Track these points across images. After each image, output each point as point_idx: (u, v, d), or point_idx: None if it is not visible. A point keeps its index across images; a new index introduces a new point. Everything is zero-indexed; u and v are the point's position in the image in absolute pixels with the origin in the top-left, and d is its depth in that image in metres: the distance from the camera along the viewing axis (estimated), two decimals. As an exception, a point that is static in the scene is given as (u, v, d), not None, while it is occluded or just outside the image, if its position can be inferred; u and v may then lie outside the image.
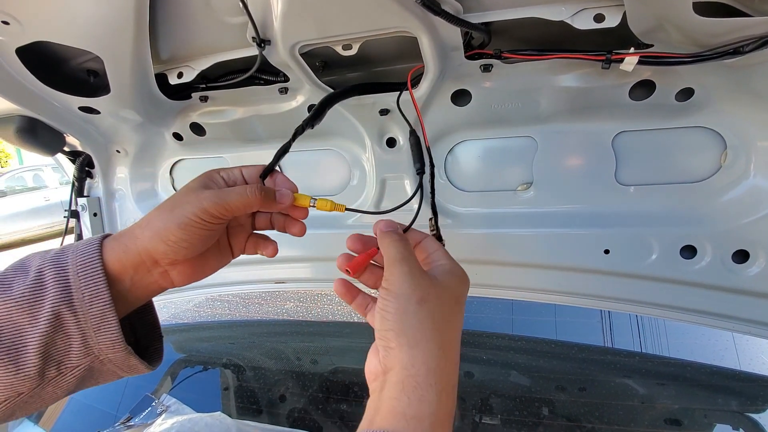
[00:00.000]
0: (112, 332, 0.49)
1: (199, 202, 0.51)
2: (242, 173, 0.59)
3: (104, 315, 0.48)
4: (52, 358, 0.48)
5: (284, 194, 0.58)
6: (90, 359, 0.50)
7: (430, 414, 0.41)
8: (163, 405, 1.31)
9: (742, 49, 0.62)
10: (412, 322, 0.46)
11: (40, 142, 1.04)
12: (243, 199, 0.53)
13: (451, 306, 0.49)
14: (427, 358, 0.44)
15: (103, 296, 0.48)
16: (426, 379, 0.43)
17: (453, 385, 0.46)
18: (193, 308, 1.92)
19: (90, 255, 0.49)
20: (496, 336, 1.52)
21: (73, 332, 0.48)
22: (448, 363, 0.46)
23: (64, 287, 0.47)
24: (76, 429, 1.45)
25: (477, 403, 1.32)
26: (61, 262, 0.49)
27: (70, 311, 0.47)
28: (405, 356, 0.44)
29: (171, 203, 0.53)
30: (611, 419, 1.18)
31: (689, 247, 0.90)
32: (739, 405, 1.17)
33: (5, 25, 0.74)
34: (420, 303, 0.47)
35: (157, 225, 0.51)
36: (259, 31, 0.74)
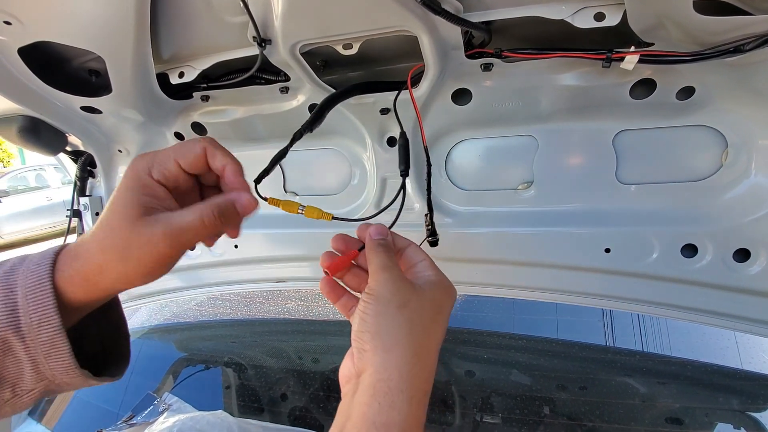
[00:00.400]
0: (64, 359, 0.46)
1: (153, 249, 0.46)
2: (179, 164, 0.49)
3: (53, 341, 0.45)
4: (6, 381, 0.46)
5: (246, 204, 0.50)
6: (45, 383, 0.48)
7: (400, 421, 0.41)
8: (165, 403, 1.32)
9: (743, 48, 0.62)
10: (389, 326, 0.45)
11: (43, 141, 1.05)
12: (200, 232, 0.47)
13: (431, 315, 0.48)
14: (400, 364, 0.43)
15: (52, 321, 0.44)
16: (398, 385, 0.42)
17: (425, 392, 0.45)
18: (194, 307, 1.93)
19: (41, 276, 0.45)
20: (497, 335, 1.52)
21: (22, 358, 0.45)
22: (422, 371, 0.45)
23: (12, 311, 0.44)
24: (78, 427, 1.46)
25: (478, 401, 1.33)
26: (10, 283, 0.45)
27: (17, 337, 0.44)
28: (378, 359, 0.44)
29: (116, 245, 0.46)
30: (612, 418, 1.18)
31: (690, 245, 0.90)
32: (740, 404, 1.17)
33: (7, 26, 0.74)
34: (399, 308, 0.46)
35: (114, 274, 0.46)
36: (259, 30, 0.74)
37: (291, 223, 1.21)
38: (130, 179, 0.47)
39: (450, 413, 1.31)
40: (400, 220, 0.60)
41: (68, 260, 0.47)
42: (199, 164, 0.49)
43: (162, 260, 0.47)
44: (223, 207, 0.48)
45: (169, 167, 0.48)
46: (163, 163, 0.48)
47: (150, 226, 0.45)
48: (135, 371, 1.59)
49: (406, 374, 0.43)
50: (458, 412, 1.31)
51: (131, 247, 0.45)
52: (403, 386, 0.42)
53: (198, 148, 0.49)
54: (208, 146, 0.49)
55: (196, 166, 0.49)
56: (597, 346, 1.43)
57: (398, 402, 0.42)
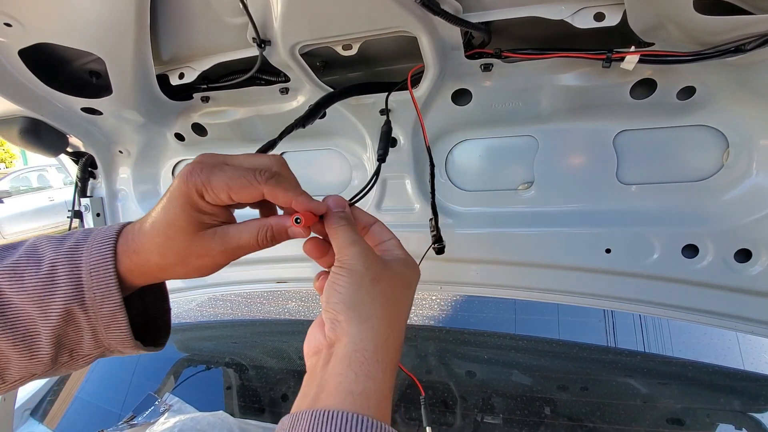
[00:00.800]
0: (122, 331, 0.51)
1: (212, 260, 0.49)
2: (230, 197, 0.47)
3: (114, 315, 0.50)
4: (65, 347, 0.50)
5: (296, 232, 0.51)
6: (100, 350, 0.52)
7: (376, 390, 0.42)
8: (166, 404, 1.32)
9: (744, 47, 0.62)
10: (365, 298, 0.46)
11: (44, 142, 1.05)
12: (254, 248, 0.50)
13: (402, 290, 0.50)
14: (375, 335, 0.44)
15: (114, 298, 0.49)
16: (374, 355, 0.43)
17: (395, 365, 0.46)
18: (195, 308, 1.93)
19: (104, 255, 0.49)
20: (498, 335, 1.52)
21: (84, 327, 0.50)
22: (394, 342, 0.46)
23: (77, 287, 0.48)
24: (80, 428, 1.47)
25: (479, 402, 1.32)
26: (75, 259, 0.49)
27: (81, 309, 0.48)
28: (354, 330, 0.44)
29: (178, 253, 0.48)
30: (613, 419, 1.18)
31: (691, 246, 0.90)
32: (741, 404, 1.17)
33: (7, 27, 0.74)
34: (373, 281, 0.47)
35: (173, 274, 0.51)
36: (259, 31, 0.74)
37: (291, 224, 1.21)
38: (184, 199, 0.46)
39: (451, 414, 1.31)
40: (400, 221, 0.60)
41: (128, 252, 0.50)
42: (254, 199, 0.49)
43: (217, 267, 0.51)
44: (276, 230, 0.50)
45: (222, 197, 0.47)
46: (216, 191, 0.46)
47: (208, 241, 0.48)
48: (136, 372, 1.59)
49: (381, 345, 0.44)
50: (459, 412, 1.31)
51: (190, 256, 0.49)
52: (378, 356, 0.43)
53: (256, 192, 0.47)
54: (266, 190, 0.47)
55: (250, 200, 0.49)
56: (598, 347, 1.43)
57: (374, 372, 0.42)
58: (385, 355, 0.44)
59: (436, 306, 1.67)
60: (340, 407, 0.39)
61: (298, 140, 1.11)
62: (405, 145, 1.01)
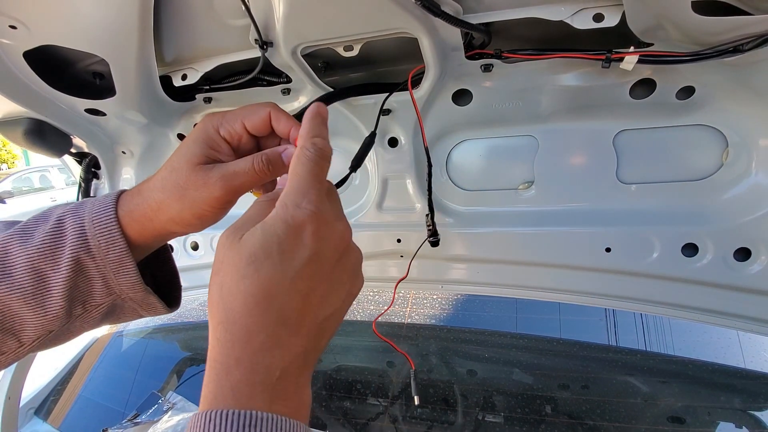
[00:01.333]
0: (131, 275, 0.52)
1: (209, 191, 0.50)
2: (245, 126, 0.53)
3: (122, 260, 0.51)
4: (77, 299, 0.51)
5: (291, 154, 0.51)
6: (112, 298, 0.53)
7: (224, 386, 0.36)
8: (170, 402, 1.33)
9: (742, 48, 0.62)
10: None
11: (48, 143, 1.06)
12: (252, 178, 0.51)
13: (237, 268, 0.38)
14: (213, 326, 0.38)
15: (118, 243, 0.50)
16: (215, 349, 0.37)
17: (253, 351, 0.36)
18: (198, 307, 1.94)
19: (105, 204, 0.51)
20: (499, 334, 1.52)
21: (94, 275, 0.51)
22: (234, 329, 0.37)
23: (81, 235, 0.50)
24: (84, 426, 1.48)
25: (480, 401, 1.33)
26: (78, 212, 0.51)
27: (88, 256, 0.50)
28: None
29: (178, 185, 0.50)
30: (614, 417, 1.18)
31: (690, 245, 0.90)
32: (741, 402, 1.17)
33: (13, 30, 0.75)
34: (215, 274, 0.40)
35: (170, 212, 0.51)
36: (261, 33, 0.75)
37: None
38: (200, 132, 0.52)
39: (452, 412, 1.32)
40: (401, 221, 0.61)
41: (130, 197, 0.52)
42: (263, 127, 0.53)
43: (215, 203, 0.51)
44: (271, 156, 0.52)
45: (236, 127, 0.52)
46: (230, 122, 0.52)
47: (208, 170, 0.50)
48: (140, 371, 1.60)
49: (215, 335, 0.38)
50: (460, 411, 1.32)
51: (189, 187, 0.50)
52: (216, 348, 0.38)
53: (264, 111, 0.53)
54: (273, 110, 0.53)
55: (260, 129, 0.53)
56: (598, 345, 1.44)
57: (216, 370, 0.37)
58: (225, 346, 0.37)
59: (437, 305, 1.67)
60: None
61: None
62: (406, 145, 1.01)
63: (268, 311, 0.37)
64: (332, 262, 0.41)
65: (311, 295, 0.39)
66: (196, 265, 1.34)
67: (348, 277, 0.43)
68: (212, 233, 1.27)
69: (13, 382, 1.29)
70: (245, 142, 0.54)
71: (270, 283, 0.37)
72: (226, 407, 0.33)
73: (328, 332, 0.42)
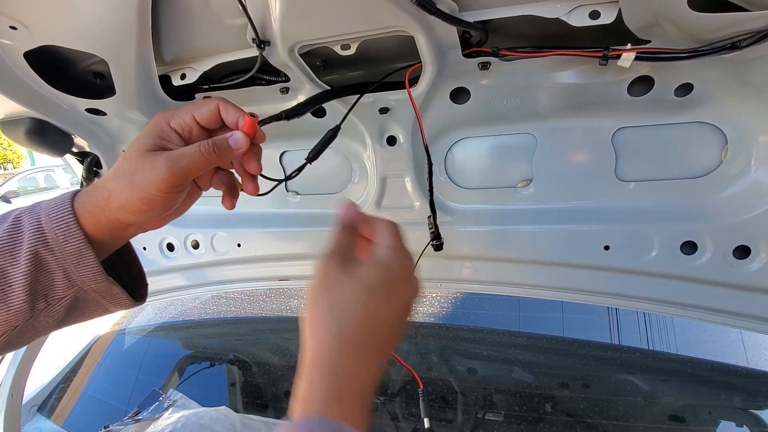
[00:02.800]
0: (91, 265, 0.53)
1: (155, 173, 0.51)
2: (194, 118, 0.56)
3: (81, 251, 0.52)
4: (39, 293, 0.52)
5: (237, 139, 0.56)
6: (75, 290, 0.54)
7: (316, 398, 0.42)
8: (170, 399, 1.34)
9: (740, 44, 0.62)
10: (314, 310, 0.48)
11: (49, 143, 1.06)
12: (198, 161, 0.53)
13: (359, 296, 0.48)
14: (317, 345, 0.45)
15: (75, 235, 0.51)
16: (314, 366, 0.44)
17: (348, 372, 0.44)
18: (199, 305, 1.95)
19: (62, 199, 0.53)
20: (498, 332, 1.52)
21: (53, 268, 0.52)
22: (341, 352, 0.44)
23: (37, 229, 0.51)
24: (86, 423, 1.49)
25: (480, 399, 1.33)
26: (35, 210, 0.53)
27: (46, 250, 0.51)
28: (305, 340, 0.47)
29: (127, 171, 0.52)
30: (614, 416, 1.18)
31: (690, 243, 0.90)
32: (742, 401, 1.17)
33: (13, 30, 0.76)
34: (325, 291, 0.49)
35: (119, 198, 0.52)
36: (258, 32, 0.75)
37: (293, 222, 1.22)
38: (152, 125, 0.55)
39: (452, 410, 1.32)
40: (399, 219, 0.61)
41: (86, 192, 0.54)
42: (212, 118, 0.57)
43: (161, 185, 0.52)
44: (218, 141, 0.55)
45: (186, 119, 0.56)
46: (180, 115, 0.56)
47: (156, 155, 0.52)
48: (141, 368, 1.61)
49: (321, 352, 0.45)
50: (460, 409, 1.32)
51: (137, 172, 0.52)
52: (317, 363, 0.45)
53: (212, 104, 0.56)
54: (221, 103, 0.57)
55: (209, 121, 0.57)
56: (598, 344, 1.43)
57: (315, 381, 0.44)
58: (329, 361, 0.44)
59: (437, 303, 1.67)
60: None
61: (299, 139, 1.13)
62: (404, 144, 1.01)
63: (374, 339, 0.46)
64: (411, 307, 0.52)
65: (397, 331, 0.49)
66: (197, 263, 1.35)
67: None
68: (213, 232, 1.27)
69: (16, 380, 1.31)
70: (196, 134, 0.57)
71: (380, 315, 0.47)
72: (332, 415, 0.40)
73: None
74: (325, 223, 1.18)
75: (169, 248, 1.33)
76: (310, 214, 1.22)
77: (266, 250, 1.27)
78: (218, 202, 0.68)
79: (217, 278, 1.38)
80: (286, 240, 1.25)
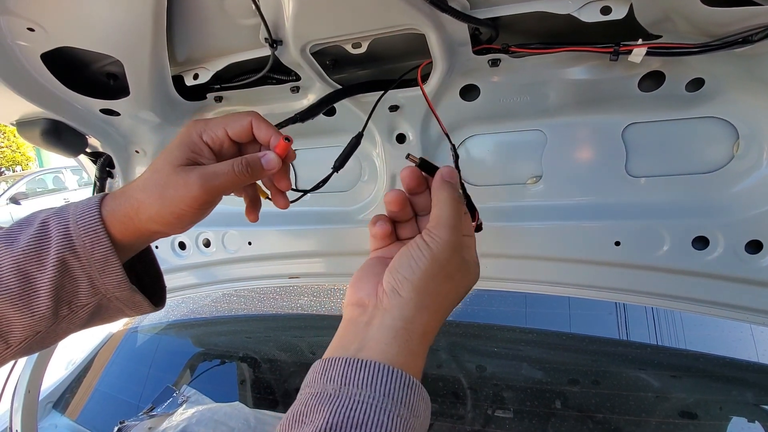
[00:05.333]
0: (116, 274, 0.53)
1: (188, 190, 0.51)
2: (227, 133, 0.56)
3: (107, 259, 0.52)
4: (63, 299, 0.52)
5: (270, 160, 0.56)
6: (98, 298, 0.54)
7: (414, 366, 0.45)
8: (184, 396, 1.36)
9: (751, 38, 0.62)
10: (432, 289, 0.48)
11: (64, 143, 1.08)
12: (232, 180, 0.53)
13: (459, 294, 0.52)
14: (426, 323, 0.47)
15: (103, 242, 0.51)
16: (419, 338, 0.46)
17: (427, 349, 0.49)
18: (210, 304, 1.97)
19: (89, 205, 0.53)
20: (508, 329, 1.53)
21: (79, 275, 0.52)
22: (433, 333, 0.49)
23: (66, 235, 0.51)
24: (101, 419, 1.51)
25: (490, 395, 1.34)
26: (62, 215, 0.52)
27: (73, 256, 0.51)
28: (409, 311, 0.46)
29: (158, 184, 0.52)
30: (624, 411, 1.18)
31: (701, 238, 0.90)
32: (754, 397, 1.16)
33: (31, 32, 0.77)
34: (447, 278, 0.48)
35: (149, 212, 0.52)
36: (271, 32, 0.76)
37: (303, 220, 1.23)
38: (184, 136, 0.55)
39: (462, 406, 1.33)
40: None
41: (113, 198, 0.54)
42: (244, 134, 0.57)
43: (193, 202, 0.52)
44: (251, 160, 0.55)
45: (218, 133, 0.55)
46: (213, 128, 0.55)
47: (189, 171, 0.52)
48: (154, 365, 1.63)
49: (427, 332, 0.47)
50: (470, 405, 1.33)
51: (169, 186, 0.51)
52: (422, 339, 0.47)
53: (245, 120, 0.56)
54: (254, 119, 0.57)
55: (241, 135, 0.56)
56: (608, 340, 1.43)
57: (415, 350, 0.45)
58: (427, 339, 0.47)
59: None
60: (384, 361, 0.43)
61: (310, 138, 1.13)
62: (414, 141, 1.02)
63: (444, 313, 0.50)
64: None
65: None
66: (208, 262, 1.37)
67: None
68: (224, 230, 1.29)
69: (33, 377, 1.33)
70: (227, 147, 0.57)
71: (453, 294, 0.50)
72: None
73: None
74: (334, 221, 1.19)
75: (181, 247, 1.34)
76: (320, 212, 1.23)
77: (277, 248, 1.28)
78: (230, 201, 0.70)
79: (228, 276, 1.40)
80: (296, 238, 1.26)
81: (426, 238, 0.49)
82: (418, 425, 0.42)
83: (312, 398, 0.42)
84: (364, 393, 0.39)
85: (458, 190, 0.54)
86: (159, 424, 1.23)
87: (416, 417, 0.42)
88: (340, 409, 0.38)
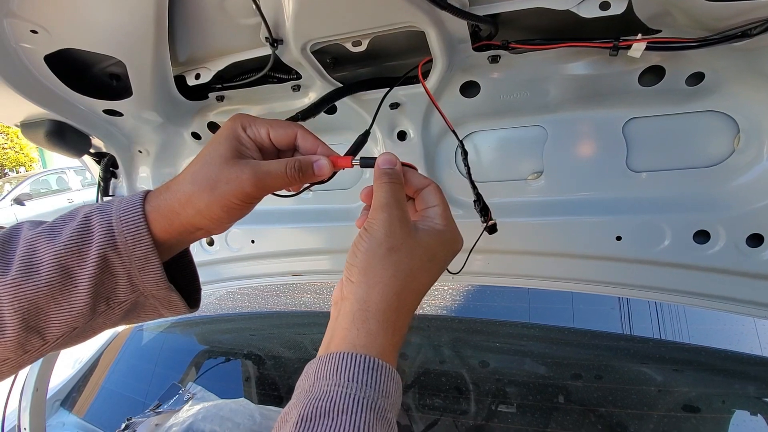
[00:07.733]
0: (156, 272, 0.53)
1: (240, 185, 0.51)
2: (269, 134, 0.57)
3: (147, 257, 0.52)
4: (101, 296, 0.52)
5: (322, 166, 0.58)
6: (136, 295, 0.54)
7: (377, 345, 0.46)
8: (190, 392, 1.37)
9: (750, 32, 0.62)
10: (377, 265, 0.49)
11: (68, 144, 1.09)
12: (283, 179, 0.54)
13: (422, 262, 0.51)
14: (379, 300, 0.48)
15: (144, 240, 0.51)
16: (375, 316, 0.47)
17: (402, 328, 0.50)
18: (215, 301, 1.98)
19: (133, 201, 0.52)
20: (510, 324, 1.53)
21: (119, 272, 0.52)
22: (400, 310, 0.49)
23: (108, 231, 0.50)
24: (108, 416, 1.53)
25: (493, 390, 1.34)
26: (106, 210, 0.52)
27: (115, 253, 0.50)
28: (361, 292, 0.48)
29: (209, 178, 0.52)
30: (627, 405, 1.19)
31: (702, 232, 0.90)
32: (756, 390, 1.17)
33: (34, 34, 0.78)
34: (389, 251, 0.49)
35: (198, 205, 0.52)
36: (271, 31, 0.76)
37: (305, 218, 1.24)
38: (229, 129, 0.55)
39: (465, 402, 1.33)
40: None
41: (158, 193, 0.54)
42: (287, 142, 0.58)
43: (244, 198, 0.53)
44: (304, 163, 0.56)
45: (262, 133, 0.56)
46: (257, 127, 0.56)
47: (241, 166, 0.53)
48: (159, 363, 1.65)
49: (383, 309, 0.48)
50: (473, 400, 1.34)
51: (220, 180, 0.52)
52: (379, 317, 0.47)
53: (291, 129, 0.58)
54: (300, 131, 0.58)
55: (283, 142, 0.58)
56: (610, 334, 1.44)
57: (375, 330, 0.47)
58: (386, 317, 0.48)
59: (449, 296, 1.69)
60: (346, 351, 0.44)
61: (311, 136, 1.14)
62: (415, 139, 1.02)
63: (418, 299, 0.51)
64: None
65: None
66: (212, 260, 1.38)
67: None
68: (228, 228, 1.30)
69: (41, 375, 1.35)
70: (267, 147, 0.58)
71: (433, 279, 0.53)
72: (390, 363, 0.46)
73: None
74: (336, 219, 1.20)
75: (185, 245, 1.35)
76: (322, 210, 1.23)
77: (279, 246, 1.29)
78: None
79: (232, 274, 1.41)
80: (299, 236, 1.27)
81: (365, 225, 0.52)
82: (389, 404, 0.43)
83: (293, 398, 0.44)
84: (331, 383, 0.42)
85: (394, 172, 0.57)
86: (165, 421, 1.24)
87: (386, 397, 0.43)
88: (311, 402, 0.41)
